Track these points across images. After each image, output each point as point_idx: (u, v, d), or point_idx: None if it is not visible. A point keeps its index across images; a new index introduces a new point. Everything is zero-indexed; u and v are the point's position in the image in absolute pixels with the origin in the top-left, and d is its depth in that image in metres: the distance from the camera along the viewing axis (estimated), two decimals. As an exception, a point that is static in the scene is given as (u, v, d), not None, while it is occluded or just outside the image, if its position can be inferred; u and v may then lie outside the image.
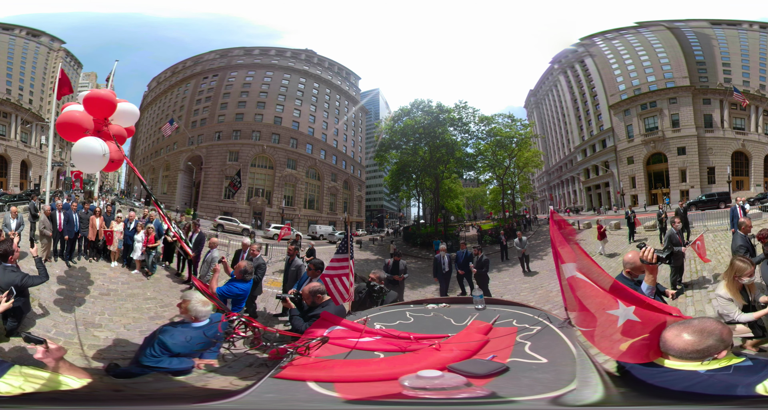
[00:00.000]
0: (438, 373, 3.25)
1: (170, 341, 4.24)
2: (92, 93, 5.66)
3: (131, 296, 8.36)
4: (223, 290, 6.00)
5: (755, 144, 13.45)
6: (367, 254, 14.81)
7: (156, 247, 9.67)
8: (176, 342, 4.24)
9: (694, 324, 3.05)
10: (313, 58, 16.64)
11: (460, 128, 15.06)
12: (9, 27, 13.33)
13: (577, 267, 3.93)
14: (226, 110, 15.70)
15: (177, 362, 4.15)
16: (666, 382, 2.95)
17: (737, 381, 2.74)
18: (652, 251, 3.69)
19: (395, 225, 17.25)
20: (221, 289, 6.02)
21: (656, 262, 3.72)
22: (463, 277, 10.27)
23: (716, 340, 2.93)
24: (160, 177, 16.28)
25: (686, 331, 3.03)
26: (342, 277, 6.35)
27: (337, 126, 16.85)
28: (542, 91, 17.08)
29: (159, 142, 16.49)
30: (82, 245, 9.81)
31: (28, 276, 5.59)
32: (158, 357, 4.17)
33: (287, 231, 13.48)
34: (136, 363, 4.24)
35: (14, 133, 13.62)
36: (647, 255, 3.69)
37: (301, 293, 5.35)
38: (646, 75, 14.51)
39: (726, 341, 2.94)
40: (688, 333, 3.01)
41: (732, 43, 13.47)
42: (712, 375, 2.82)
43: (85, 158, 5.40)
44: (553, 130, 17.07)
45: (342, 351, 4.09)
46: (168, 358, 4.16)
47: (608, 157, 15.41)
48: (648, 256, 3.69)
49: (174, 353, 4.19)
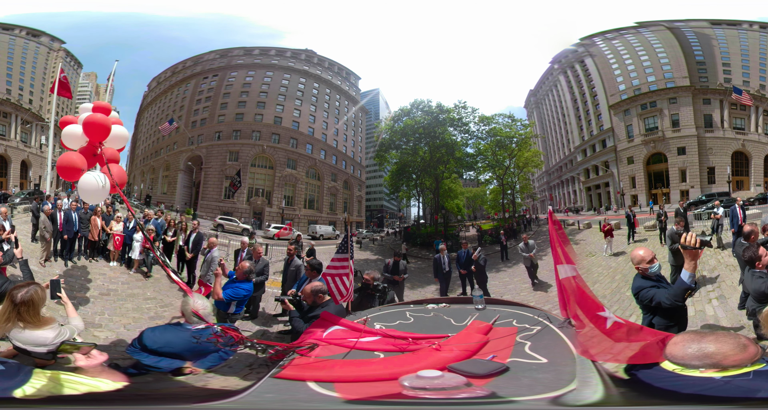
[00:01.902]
0: (438, 373, 3.25)
1: (146, 333, 4.27)
2: (90, 118, 6.04)
3: (131, 296, 8.36)
4: (230, 294, 5.97)
5: (755, 144, 13.45)
6: (367, 254, 14.81)
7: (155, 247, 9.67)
8: (150, 336, 4.26)
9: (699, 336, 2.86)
10: (313, 58, 16.64)
11: (460, 128, 15.08)
12: (9, 27, 13.32)
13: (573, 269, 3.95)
14: (226, 110, 15.70)
15: (153, 360, 4.12)
16: (676, 386, 2.79)
17: (758, 386, 2.57)
18: (694, 236, 3.56)
19: (395, 225, 17.25)
20: (227, 293, 5.98)
21: (700, 246, 3.59)
22: (465, 277, 10.28)
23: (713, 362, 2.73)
24: (160, 177, 16.28)
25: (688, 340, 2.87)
26: (342, 277, 6.36)
27: (337, 126, 16.85)
28: (542, 91, 17.08)
29: (159, 142, 16.48)
30: (82, 245, 9.81)
31: (10, 282, 5.30)
32: (135, 348, 4.21)
33: (287, 231, 13.48)
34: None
35: (14, 133, 13.62)
36: (690, 240, 3.56)
37: (301, 292, 5.34)
38: (646, 75, 14.51)
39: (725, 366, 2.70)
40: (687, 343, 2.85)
41: (732, 43, 13.47)
42: (728, 381, 2.64)
43: (88, 193, 5.95)
44: (553, 130, 17.07)
45: (342, 351, 4.09)
46: (142, 353, 4.16)
47: (608, 157, 15.41)
48: (692, 241, 3.56)
49: (148, 348, 4.18)
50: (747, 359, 2.67)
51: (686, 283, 3.71)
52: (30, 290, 3.64)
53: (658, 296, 3.97)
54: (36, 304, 3.64)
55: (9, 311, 3.55)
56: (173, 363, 4.15)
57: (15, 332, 3.55)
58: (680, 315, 4.22)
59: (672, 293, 3.85)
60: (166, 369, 4.10)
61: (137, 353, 4.15)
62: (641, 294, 4.09)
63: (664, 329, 4.04)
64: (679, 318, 4.22)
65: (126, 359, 4.31)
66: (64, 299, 4.36)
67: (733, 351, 2.69)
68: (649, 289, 4.08)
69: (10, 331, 3.55)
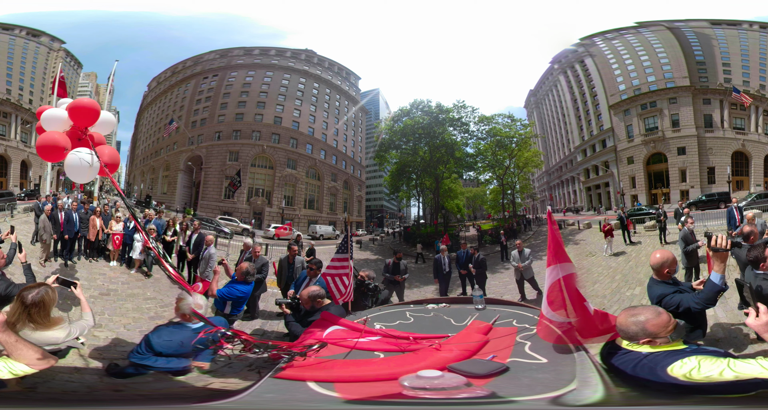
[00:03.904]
0: (438, 373, 3.26)
1: (155, 340, 4.25)
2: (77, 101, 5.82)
3: (131, 296, 8.35)
4: (224, 293, 5.95)
5: (755, 144, 13.45)
6: (367, 254, 14.81)
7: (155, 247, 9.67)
8: (160, 342, 4.23)
9: (634, 309, 3.25)
10: (313, 58, 16.64)
11: (459, 128, 15.08)
12: (9, 27, 13.32)
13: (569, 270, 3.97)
14: (226, 110, 15.70)
15: (164, 361, 4.13)
16: (622, 364, 3.15)
17: (658, 362, 2.95)
18: (724, 238, 3.53)
19: (395, 225, 17.26)
20: (221, 291, 5.98)
21: (731, 248, 3.56)
22: (465, 277, 10.29)
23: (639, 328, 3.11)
24: (160, 177, 16.28)
25: (627, 312, 3.24)
26: (342, 277, 6.36)
27: (337, 126, 16.85)
28: (542, 91, 17.08)
29: (159, 142, 16.49)
30: (81, 245, 9.81)
31: (14, 285, 5.02)
32: (143, 354, 4.19)
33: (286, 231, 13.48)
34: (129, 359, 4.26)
35: (14, 133, 13.62)
36: (721, 242, 3.52)
37: (299, 297, 5.25)
38: (646, 75, 14.51)
39: (648, 331, 3.09)
40: (626, 314, 3.23)
41: (732, 43, 13.47)
42: (646, 356, 3.05)
43: (75, 171, 5.66)
44: (553, 130, 17.07)
45: (342, 351, 4.09)
46: (153, 357, 4.16)
47: (608, 157, 15.41)
48: (722, 243, 3.52)
49: (157, 352, 4.18)
50: (662, 324, 3.10)
51: (719, 285, 3.67)
52: (41, 291, 3.61)
53: (686, 302, 3.89)
54: (47, 305, 3.62)
55: (20, 312, 3.53)
56: (181, 361, 4.17)
57: (25, 333, 3.54)
58: (703, 317, 4.20)
59: (704, 296, 3.79)
60: (176, 368, 4.12)
61: (147, 358, 4.15)
62: (665, 301, 3.96)
63: (689, 332, 4.05)
64: (703, 320, 4.21)
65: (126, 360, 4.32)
66: (78, 293, 4.28)
67: (652, 315, 3.13)
68: (673, 295, 3.97)
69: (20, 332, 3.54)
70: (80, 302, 4.26)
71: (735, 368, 2.73)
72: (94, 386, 4.31)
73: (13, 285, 5.09)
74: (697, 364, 2.82)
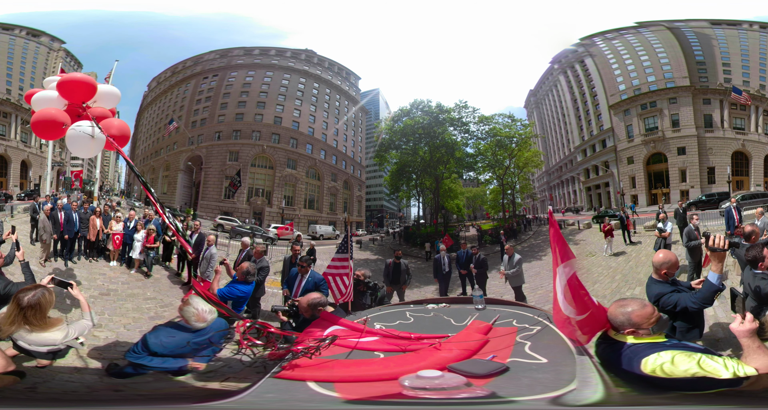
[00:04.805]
0: (438, 373, 3.25)
1: (152, 340, 4.23)
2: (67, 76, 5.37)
3: (131, 296, 8.35)
4: (224, 292, 5.94)
5: (755, 144, 13.45)
6: (367, 254, 14.81)
7: (155, 248, 9.67)
8: (156, 342, 4.22)
9: (624, 300, 3.34)
10: (313, 58, 16.64)
11: (459, 128, 15.08)
12: (9, 27, 13.32)
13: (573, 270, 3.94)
14: (226, 110, 15.70)
15: (159, 361, 4.10)
16: (609, 353, 3.25)
17: (637, 353, 3.03)
18: (722, 238, 3.57)
19: (395, 225, 17.26)
20: (222, 291, 5.96)
21: (729, 248, 3.60)
22: (465, 276, 10.28)
23: (625, 318, 3.21)
24: (160, 177, 16.28)
25: (617, 303, 3.33)
26: (342, 277, 6.37)
27: (337, 126, 16.85)
28: (542, 91, 17.08)
29: (159, 142, 16.49)
30: (81, 245, 9.81)
31: (13, 284, 4.92)
32: (139, 354, 4.17)
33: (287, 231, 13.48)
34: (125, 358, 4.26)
35: (14, 133, 13.62)
36: (719, 242, 3.56)
37: (297, 305, 5.04)
38: (646, 75, 14.51)
39: (632, 321, 3.18)
40: (616, 304, 3.32)
41: (732, 43, 13.47)
42: (630, 347, 3.14)
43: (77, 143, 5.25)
44: (553, 130, 17.07)
45: (342, 351, 4.08)
46: (148, 356, 4.14)
47: (608, 157, 15.41)
48: (720, 243, 3.56)
49: (152, 352, 4.16)
50: (645, 315, 3.18)
51: (716, 285, 3.71)
52: (37, 293, 3.59)
53: (683, 301, 3.91)
54: (43, 308, 3.60)
55: (15, 314, 3.52)
56: (177, 361, 4.16)
57: (22, 334, 3.53)
58: (701, 317, 4.20)
59: (701, 296, 3.82)
60: (172, 368, 4.11)
61: (143, 358, 4.13)
62: (663, 301, 3.99)
63: (686, 331, 4.06)
64: (700, 319, 4.21)
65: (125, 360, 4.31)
66: (76, 294, 4.24)
67: (638, 307, 3.23)
68: (670, 294, 4.00)
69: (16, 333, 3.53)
70: (80, 303, 4.25)
71: (702, 365, 2.77)
72: (93, 386, 4.31)
73: (11, 284, 5.04)
74: (671, 358, 2.87)
